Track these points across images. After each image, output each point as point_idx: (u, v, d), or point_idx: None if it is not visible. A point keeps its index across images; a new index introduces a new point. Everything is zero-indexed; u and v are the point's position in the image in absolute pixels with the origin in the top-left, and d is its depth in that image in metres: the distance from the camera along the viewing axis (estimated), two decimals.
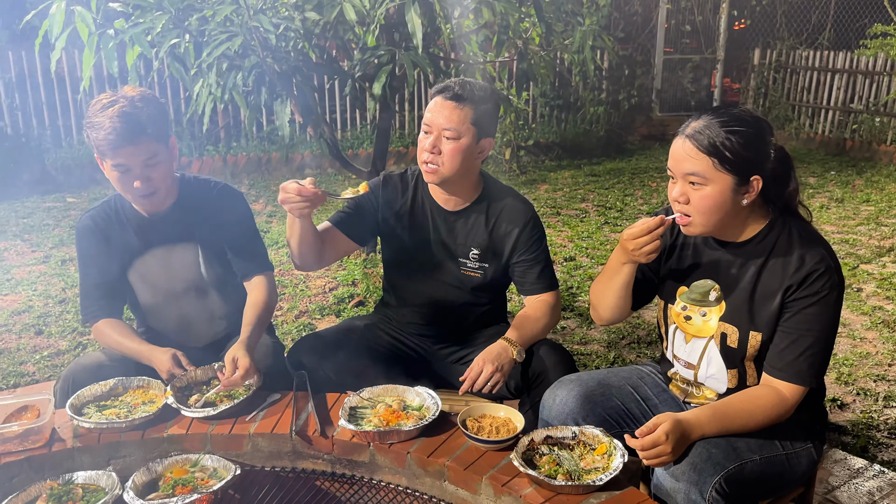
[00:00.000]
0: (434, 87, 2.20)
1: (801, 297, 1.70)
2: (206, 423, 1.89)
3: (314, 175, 8.07)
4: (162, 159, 2.06)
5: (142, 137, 1.98)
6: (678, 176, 1.73)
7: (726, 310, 1.81)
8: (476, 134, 2.14)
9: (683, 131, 1.71)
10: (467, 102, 2.10)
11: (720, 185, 1.67)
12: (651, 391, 2.02)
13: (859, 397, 3.23)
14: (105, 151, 1.98)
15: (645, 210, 6.54)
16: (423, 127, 2.16)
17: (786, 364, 1.72)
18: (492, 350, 2.10)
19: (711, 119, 1.68)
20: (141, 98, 2.02)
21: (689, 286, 1.88)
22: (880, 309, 4.21)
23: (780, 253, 1.74)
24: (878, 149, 8.71)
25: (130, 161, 2.00)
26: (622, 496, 1.60)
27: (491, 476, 1.68)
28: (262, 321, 2.18)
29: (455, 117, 2.10)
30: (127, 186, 2.05)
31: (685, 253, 1.91)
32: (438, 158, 2.12)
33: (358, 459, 1.84)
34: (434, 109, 2.13)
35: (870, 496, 2.48)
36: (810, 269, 1.68)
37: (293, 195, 1.99)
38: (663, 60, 10.26)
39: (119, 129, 1.94)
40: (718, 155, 1.65)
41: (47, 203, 6.70)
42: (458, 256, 2.30)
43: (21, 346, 3.72)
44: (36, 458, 1.78)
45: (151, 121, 2.01)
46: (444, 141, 2.11)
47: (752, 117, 1.71)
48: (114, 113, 1.95)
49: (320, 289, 4.37)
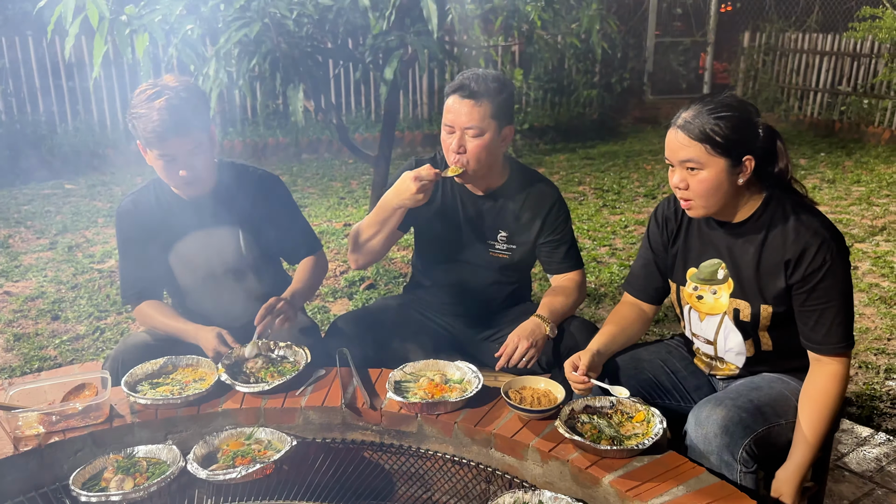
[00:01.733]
0: (448, 85, 2.24)
1: (808, 274, 1.79)
2: (258, 398, 1.97)
3: (313, 159, 8.11)
4: (205, 148, 2.12)
5: (188, 129, 2.04)
6: (676, 164, 1.83)
7: (735, 286, 1.91)
8: (497, 126, 2.20)
9: (675, 122, 1.81)
10: (484, 97, 2.15)
11: (715, 169, 1.77)
12: (679, 364, 2.12)
13: (861, 370, 3.36)
14: (152, 142, 2.03)
15: (642, 192, 6.65)
16: (445, 127, 2.21)
17: (822, 338, 1.81)
18: (526, 326, 2.19)
19: (700, 108, 1.77)
20: (185, 88, 2.06)
21: (698, 267, 1.98)
22: (876, 286, 4.35)
23: (777, 227, 1.84)
24: (866, 130, 8.87)
25: (176, 151, 2.05)
26: (663, 459, 1.70)
27: (537, 442, 1.77)
28: (305, 285, 2.30)
29: (476, 115, 2.15)
30: (172, 174, 2.10)
31: (690, 236, 2.00)
32: (464, 157, 2.19)
33: (406, 430, 1.92)
34: (453, 109, 2.18)
35: (877, 462, 2.61)
36: (806, 243, 1.78)
37: (429, 182, 2.12)
38: (654, 44, 10.35)
39: (167, 122, 1.99)
40: (710, 141, 1.75)
41: (46, 190, 6.69)
42: (487, 239, 2.38)
43: (39, 332, 3.76)
44: (98, 433, 1.85)
45: (196, 112, 2.06)
46: (469, 139, 2.18)
47: (737, 101, 1.81)
48: (161, 105, 1.99)
49: (332, 272, 4.44)
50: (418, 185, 2.13)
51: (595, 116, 9.51)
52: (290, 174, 7.40)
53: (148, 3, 3.39)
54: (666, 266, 2.08)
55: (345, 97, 8.65)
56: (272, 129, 8.12)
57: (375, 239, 2.30)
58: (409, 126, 8.62)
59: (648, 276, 2.12)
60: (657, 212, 2.09)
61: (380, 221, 2.26)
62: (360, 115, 8.65)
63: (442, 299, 2.47)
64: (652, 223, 2.10)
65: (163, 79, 2.10)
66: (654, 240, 2.08)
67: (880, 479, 2.51)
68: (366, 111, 8.70)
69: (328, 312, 3.97)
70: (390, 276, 4.38)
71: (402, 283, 4.29)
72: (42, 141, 7.26)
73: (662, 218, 2.06)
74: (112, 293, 4.18)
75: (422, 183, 2.13)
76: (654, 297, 2.14)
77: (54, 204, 6.22)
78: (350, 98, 8.69)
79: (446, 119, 2.20)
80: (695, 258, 1.99)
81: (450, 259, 2.42)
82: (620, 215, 5.90)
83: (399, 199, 2.19)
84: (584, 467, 1.68)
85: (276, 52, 3.49)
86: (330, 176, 7.35)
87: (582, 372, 1.87)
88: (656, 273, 2.10)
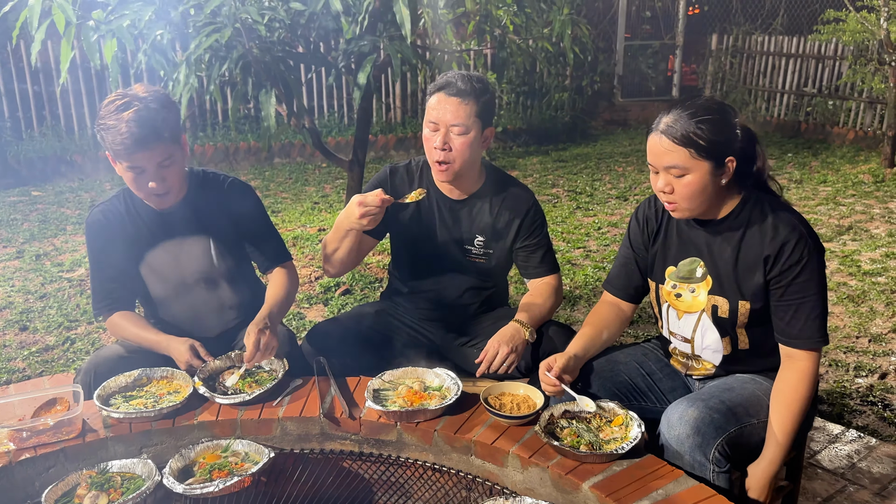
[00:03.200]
0: (432, 84, 2.24)
1: (785, 269, 1.82)
2: (235, 410, 1.95)
3: (286, 164, 8.06)
4: (176, 159, 2.07)
5: (158, 141, 1.99)
6: (660, 169, 1.84)
7: (713, 283, 1.94)
8: (481, 126, 2.22)
9: (657, 127, 1.82)
10: (470, 96, 2.17)
11: (700, 172, 1.80)
12: (655, 366, 2.14)
13: (832, 368, 3.42)
14: (120, 154, 1.98)
15: (615, 194, 6.71)
16: (429, 125, 2.21)
17: (797, 332, 1.84)
18: (505, 332, 2.19)
19: (680, 112, 1.79)
20: (154, 99, 2.01)
21: (677, 266, 2.00)
22: (844, 285, 4.44)
23: (755, 225, 1.87)
24: (831, 131, 9.05)
25: (145, 163, 2.01)
26: (642, 462, 1.71)
27: (517, 449, 1.77)
28: (280, 303, 2.25)
29: (462, 112, 2.16)
30: (141, 186, 2.06)
31: (669, 235, 2.03)
32: (450, 155, 2.19)
33: (385, 438, 1.92)
34: (439, 106, 2.18)
35: (849, 458, 2.66)
36: (785, 238, 1.82)
37: (375, 207, 2.06)
38: (624, 47, 10.45)
39: (136, 134, 1.94)
40: (694, 145, 1.77)
41: (12, 197, 6.56)
42: (464, 244, 2.38)
43: (7, 343, 3.68)
44: (70, 449, 1.81)
45: (166, 123, 2.01)
46: (454, 137, 2.18)
47: (716, 104, 1.83)
48: (129, 116, 1.94)
49: (306, 278, 4.41)
50: (361, 211, 2.07)
51: (567, 119, 9.57)
52: (262, 179, 7.34)
53: (116, 8, 3.34)
54: (646, 265, 2.10)
55: (317, 101, 8.61)
56: (244, 134, 8.05)
57: (339, 253, 2.28)
58: (382, 130, 8.60)
59: (629, 274, 2.13)
60: (638, 211, 2.11)
61: (338, 239, 2.25)
62: (333, 118, 8.61)
63: (419, 305, 2.47)
64: (633, 222, 2.11)
65: (132, 88, 2.05)
66: (635, 239, 2.10)
67: (852, 475, 2.56)
68: (339, 115, 8.66)
69: (304, 319, 3.94)
70: (366, 282, 4.36)
71: (378, 287, 4.27)
72: (7, 147, 7.11)
73: (643, 217, 2.08)
74: (82, 302, 4.11)
75: (366, 209, 2.07)
76: (633, 296, 2.16)
77: (21, 212, 6.09)
78: (323, 102, 8.64)
79: (430, 116, 2.20)
80: (674, 256, 2.01)
81: (427, 265, 2.42)
82: (594, 217, 5.95)
83: (348, 222, 2.16)
84: (564, 473, 1.68)
85: (247, 58, 3.46)
86: (303, 180, 7.31)
87: (555, 374, 1.89)
88: (636, 272, 2.12)
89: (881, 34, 7.04)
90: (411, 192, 2.22)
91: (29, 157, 7.11)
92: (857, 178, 7.11)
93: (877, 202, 6.31)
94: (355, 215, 2.09)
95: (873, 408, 3.07)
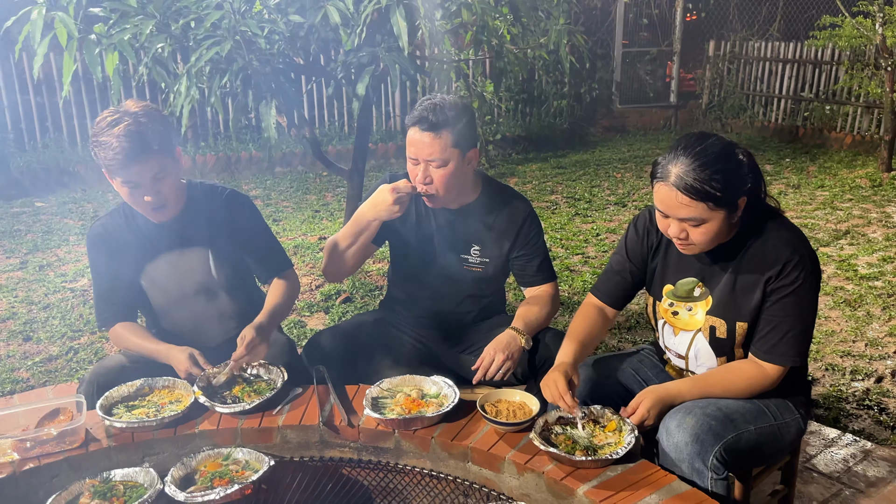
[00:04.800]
0: (408, 117, 2.26)
1: (779, 287, 1.84)
2: (235, 419, 1.98)
3: (286, 172, 8.10)
4: (170, 171, 2.10)
5: (150, 155, 2.01)
6: (673, 217, 1.83)
7: (712, 304, 1.95)
8: (461, 153, 2.23)
9: (666, 177, 1.78)
10: (443, 128, 2.18)
11: (717, 220, 1.79)
12: (650, 372, 2.17)
13: (828, 372, 3.45)
14: (114, 170, 2.02)
15: (613, 200, 6.74)
16: (410, 159, 2.25)
17: (770, 347, 1.87)
18: (501, 339, 2.22)
19: (691, 163, 1.75)
20: (145, 114, 2.03)
21: (675, 284, 2.02)
22: (841, 289, 4.46)
23: (756, 247, 1.88)
24: (829, 135, 9.09)
25: (140, 178, 2.04)
26: (636, 467, 1.74)
27: (513, 455, 1.80)
28: (276, 311, 2.30)
29: (437, 146, 2.18)
30: (137, 200, 2.10)
31: (670, 253, 2.03)
32: (432, 187, 2.23)
33: (383, 446, 1.95)
34: (415, 143, 2.21)
35: (845, 462, 2.68)
36: (786, 259, 1.83)
37: (406, 194, 2.13)
38: (622, 54, 10.51)
39: (127, 149, 1.97)
40: (711, 198, 1.75)
41: (15, 208, 6.60)
42: (461, 253, 2.41)
43: (11, 353, 3.71)
44: (74, 458, 1.85)
45: (158, 136, 2.03)
46: (433, 170, 2.22)
47: (721, 146, 1.79)
48: (120, 132, 1.97)
49: (307, 286, 4.44)
50: (395, 197, 2.15)
51: (565, 126, 9.62)
52: (263, 188, 7.38)
53: (117, 22, 3.38)
54: (640, 276, 2.11)
55: (317, 111, 8.66)
56: (245, 143, 8.09)
57: (350, 251, 2.32)
58: (381, 138, 8.65)
59: (620, 283, 2.13)
60: (637, 222, 2.09)
61: (354, 234, 2.28)
62: (333, 127, 8.66)
63: (417, 313, 2.50)
64: (631, 232, 2.10)
65: (124, 105, 2.07)
66: (632, 249, 2.09)
67: (848, 479, 2.58)
68: (338, 124, 8.72)
69: (304, 327, 3.97)
70: (366, 290, 4.40)
71: (378, 295, 4.31)
72: (11, 158, 7.16)
73: (643, 229, 2.07)
74: (85, 313, 4.14)
75: (399, 195, 2.15)
76: (619, 303, 2.17)
77: (24, 222, 6.14)
78: (323, 111, 8.70)
79: (409, 152, 2.24)
80: (672, 275, 2.02)
81: (424, 273, 2.45)
82: (592, 223, 5.98)
83: (375, 212, 2.22)
84: (560, 478, 1.71)
85: (247, 70, 3.50)
86: (304, 189, 7.35)
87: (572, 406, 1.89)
88: (629, 281, 2.12)
89: (877, 39, 7.09)
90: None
91: (32, 168, 7.16)
92: (855, 183, 7.14)
93: (874, 206, 6.34)
94: (388, 202, 2.16)
95: (869, 412, 3.09)
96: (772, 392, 1.94)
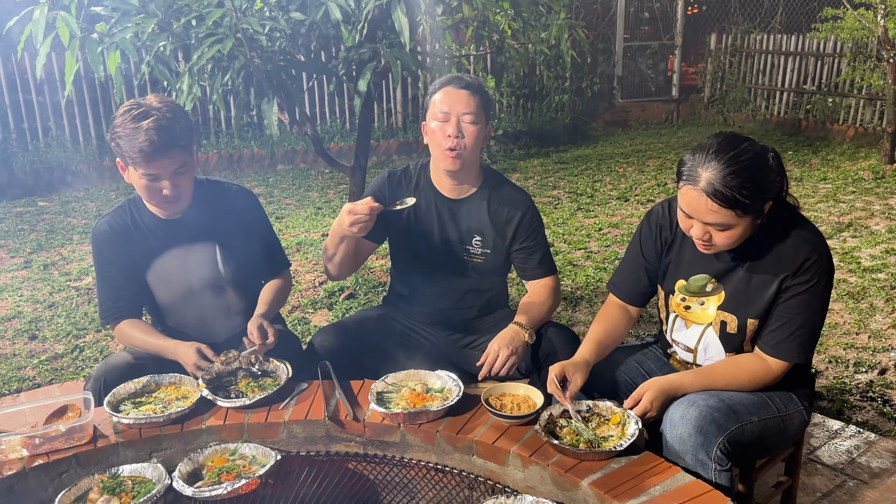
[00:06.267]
0: (436, 82, 2.35)
1: (794, 285, 1.85)
2: (241, 414, 1.99)
3: (288, 170, 8.11)
4: (188, 168, 2.15)
5: (176, 149, 2.07)
6: (697, 220, 1.81)
7: (725, 299, 1.95)
8: (485, 120, 2.32)
9: (695, 181, 1.75)
10: (476, 91, 2.30)
11: (743, 225, 1.79)
12: (654, 365, 2.18)
13: (832, 364, 3.46)
14: (138, 161, 2.05)
15: (615, 195, 6.74)
16: (440, 116, 2.28)
17: (776, 342, 1.89)
18: (505, 335, 2.23)
19: (722, 170, 1.72)
20: (170, 109, 2.09)
21: (688, 280, 2.02)
22: (844, 281, 4.47)
23: (774, 245, 1.87)
24: (831, 128, 9.08)
25: (162, 171, 2.08)
26: (640, 459, 1.75)
27: (518, 448, 1.81)
28: (277, 300, 2.38)
29: (472, 102, 2.28)
30: (154, 193, 2.13)
31: (684, 248, 2.03)
32: (462, 142, 2.27)
33: (389, 440, 1.96)
34: (449, 99, 2.27)
35: (848, 454, 2.69)
36: (805, 258, 1.83)
37: (364, 216, 2.11)
38: (623, 48, 10.49)
39: (156, 142, 2.02)
40: (740, 206, 1.74)
41: (18, 207, 6.62)
42: (462, 243, 2.43)
43: (17, 352, 3.73)
44: (83, 454, 1.86)
45: (183, 132, 2.10)
46: (465, 125, 2.27)
47: (753, 153, 1.76)
48: (150, 125, 2.01)
49: (310, 283, 4.45)
50: (351, 220, 2.12)
51: (567, 121, 9.61)
52: (266, 185, 7.39)
53: (119, 21, 3.39)
54: (655, 272, 2.11)
55: (319, 107, 8.66)
56: (247, 141, 8.10)
57: (338, 258, 2.34)
58: (383, 135, 8.65)
59: (637, 280, 2.13)
60: (651, 217, 2.09)
61: (335, 245, 2.31)
62: (335, 124, 8.67)
63: (420, 307, 2.51)
64: (644, 227, 2.10)
65: (146, 98, 2.12)
66: (647, 245, 2.09)
67: (851, 471, 2.59)
68: (340, 120, 8.72)
69: (308, 324, 3.99)
70: (370, 286, 4.41)
71: (382, 292, 4.32)
72: (13, 157, 7.18)
73: (657, 225, 2.07)
74: (90, 311, 4.16)
75: (355, 216, 2.11)
76: (640, 300, 2.18)
77: (28, 222, 6.16)
78: (324, 108, 8.70)
79: (441, 108, 2.28)
80: (686, 270, 2.02)
81: (426, 265, 2.46)
82: (594, 218, 5.99)
83: (340, 230, 2.22)
84: (564, 471, 1.72)
85: (249, 67, 3.51)
86: (306, 186, 7.36)
87: (571, 395, 1.90)
88: (645, 277, 2.12)
89: (879, 31, 7.07)
90: (405, 199, 2.27)
91: (35, 167, 7.17)
92: (857, 175, 7.13)
93: (877, 199, 6.34)
94: (346, 223, 2.13)
95: (873, 403, 3.10)
96: (775, 384, 1.95)
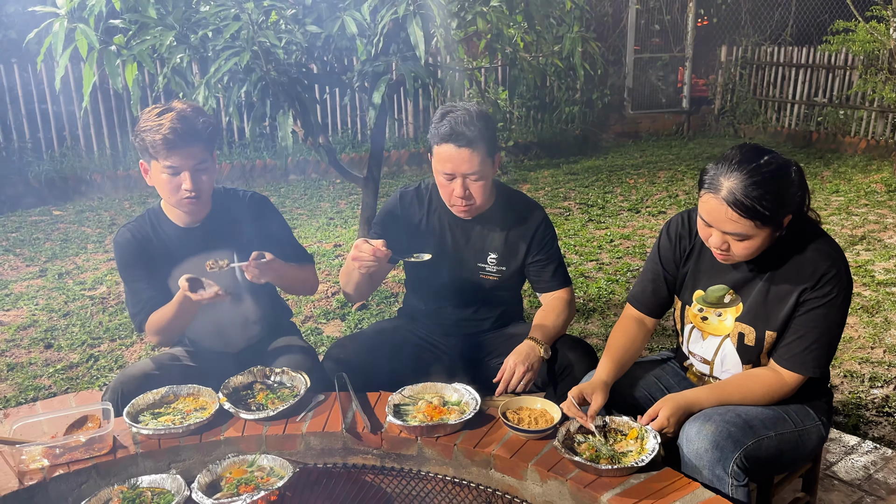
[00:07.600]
0: (437, 133, 2.22)
1: (812, 298, 1.85)
2: (259, 425, 2.00)
3: (300, 180, 8.15)
4: (209, 167, 2.20)
5: (197, 141, 2.13)
6: (717, 229, 1.82)
7: (743, 310, 1.95)
8: (492, 162, 2.28)
9: (717, 190, 1.75)
10: (479, 142, 2.20)
11: (762, 236, 1.79)
12: (672, 380, 2.18)
13: (847, 379, 3.44)
14: (160, 151, 2.10)
15: (626, 206, 6.74)
16: (444, 175, 2.25)
17: (792, 356, 1.88)
18: (521, 351, 2.24)
19: (744, 180, 1.72)
20: (193, 108, 2.17)
21: (706, 291, 2.02)
22: (858, 295, 4.44)
23: (793, 257, 1.87)
24: (843, 140, 9.05)
25: (182, 163, 2.13)
26: (659, 475, 1.75)
27: (536, 462, 1.81)
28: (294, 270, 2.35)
29: (476, 161, 2.21)
30: (174, 188, 2.16)
31: (703, 258, 2.03)
32: (472, 200, 2.27)
33: (406, 453, 1.96)
34: (452, 159, 2.20)
35: (865, 470, 2.67)
36: (823, 272, 1.83)
37: (367, 255, 2.12)
38: (633, 60, 10.52)
39: (178, 130, 2.08)
40: (760, 217, 1.74)
41: (33, 217, 6.68)
42: (477, 261, 2.43)
43: (33, 361, 3.76)
44: (102, 465, 1.87)
45: (204, 127, 2.16)
46: (472, 184, 2.24)
47: (777, 166, 1.75)
48: (171, 117, 2.10)
49: (323, 293, 4.47)
50: (354, 255, 2.16)
51: (578, 132, 9.63)
52: (278, 195, 7.43)
53: (137, 34, 3.43)
54: (674, 281, 2.11)
55: (331, 118, 8.71)
56: (259, 151, 8.15)
57: (350, 287, 2.39)
58: (395, 145, 8.69)
59: (656, 290, 2.13)
60: (669, 227, 2.09)
61: (347, 273, 2.35)
62: (347, 135, 8.71)
63: (436, 322, 2.52)
64: (664, 238, 2.10)
65: (173, 103, 2.19)
66: (665, 255, 2.09)
67: (868, 486, 2.58)
68: (352, 131, 8.76)
69: (321, 334, 4.00)
70: (382, 297, 4.42)
71: (394, 302, 4.33)
72: (28, 167, 7.25)
73: (676, 235, 2.07)
74: (105, 320, 4.19)
75: (360, 262, 2.15)
76: (658, 312, 2.18)
77: (43, 231, 6.21)
78: (336, 119, 8.75)
79: (445, 168, 2.22)
80: (704, 281, 2.02)
81: (441, 284, 2.46)
82: (606, 230, 5.99)
83: (350, 263, 2.25)
84: (583, 486, 1.72)
85: (265, 80, 3.54)
86: (318, 197, 7.39)
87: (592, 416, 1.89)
88: (664, 288, 2.12)
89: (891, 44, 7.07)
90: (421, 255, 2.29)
91: (50, 176, 7.23)
92: (870, 188, 7.10)
93: (890, 211, 6.31)
94: (354, 266, 2.19)
95: (889, 419, 3.08)
96: (792, 398, 1.95)
